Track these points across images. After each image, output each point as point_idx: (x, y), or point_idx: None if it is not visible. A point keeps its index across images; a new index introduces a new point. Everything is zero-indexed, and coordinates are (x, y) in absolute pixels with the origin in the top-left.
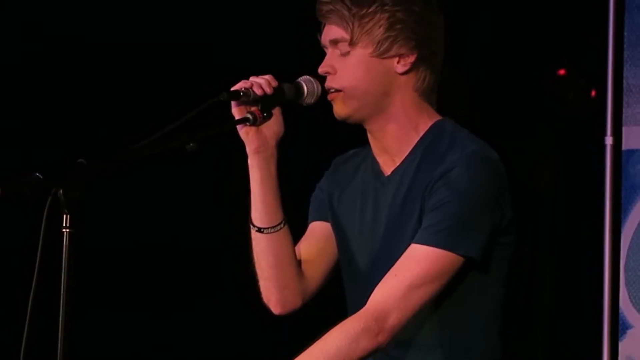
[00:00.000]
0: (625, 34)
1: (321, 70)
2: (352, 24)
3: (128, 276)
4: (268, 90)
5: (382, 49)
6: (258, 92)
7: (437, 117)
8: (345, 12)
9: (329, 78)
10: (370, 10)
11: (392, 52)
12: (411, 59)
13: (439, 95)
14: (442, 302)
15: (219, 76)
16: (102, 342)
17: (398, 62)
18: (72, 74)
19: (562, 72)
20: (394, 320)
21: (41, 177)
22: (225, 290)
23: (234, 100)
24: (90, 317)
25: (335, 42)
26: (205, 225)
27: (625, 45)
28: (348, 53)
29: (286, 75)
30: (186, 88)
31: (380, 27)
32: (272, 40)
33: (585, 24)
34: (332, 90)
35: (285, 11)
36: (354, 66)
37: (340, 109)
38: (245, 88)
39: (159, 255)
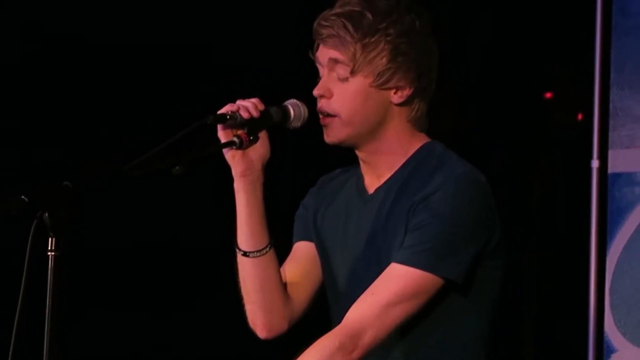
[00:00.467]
0: (612, 56)
1: (317, 92)
2: (355, 52)
3: (128, 276)
4: (255, 114)
5: (382, 80)
6: (245, 115)
7: (425, 140)
8: (349, 39)
9: (323, 101)
10: (373, 39)
11: (391, 84)
12: (408, 91)
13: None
14: (422, 322)
15: (219, 76)
16: (102, 342)
17: (395, 93)
18: (72, 74)
19: (548, 95)
20: (369, 338)
21: (26, 199)
22: (225, 290)
23: (220, 123)
24: (90, 317)
25: (335, 62)
26: (205, 225)
27: (612, 68)
28: (347, 79)
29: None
30: (186, 88)
31: (382, 57)
32: (272, 40)
33: (571, 46)
34: (326, 114)
35: (285, 11)
36: (352, 94)
37: (332, 135)
38: (231, 111)
39: (159, 255)
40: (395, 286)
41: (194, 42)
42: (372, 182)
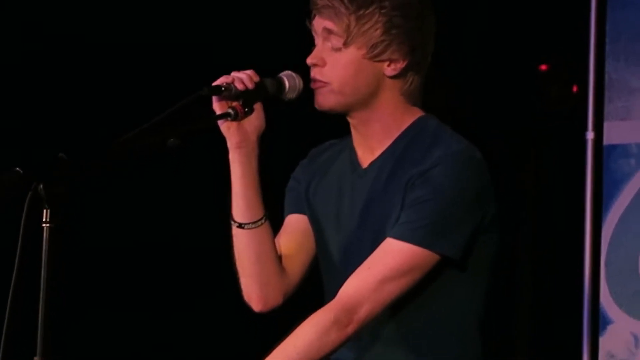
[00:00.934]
0: (607, 28)
1: (310, 61)
2: (349, 23)
3: (128, 276)
4: (249, 85)
5: (375, 52)
6: (239, 87)
7: (419, 114)
8: (343, 10)
9: (316, 69)
10: (368, 11)
11: (385, 56)
12: (402, 64)
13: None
14: (417, 298)
15: (219, 76)
16: (102, 341)
17: (388, 66)
18: (72, 74)
19: (543, 67)
20: (364, 312)
21: (21, 171)
22: (225, 290)
23: (215, 95)
24: (90, 317)
25: (329, 32)
26: (205, 224)
27: (607, 40)
28: (340, 49)
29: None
30: (186, 88)
31: (376, 29)
32: (272, 40)
33: (566, 19)
34: (317, 81)
35: (285, 11)
36: (345, 64)
37: (323, 101)
38: (226, 83)
39: (159, 255)
40: (391, 261)
41: (194, 42)
42: (366, 155)
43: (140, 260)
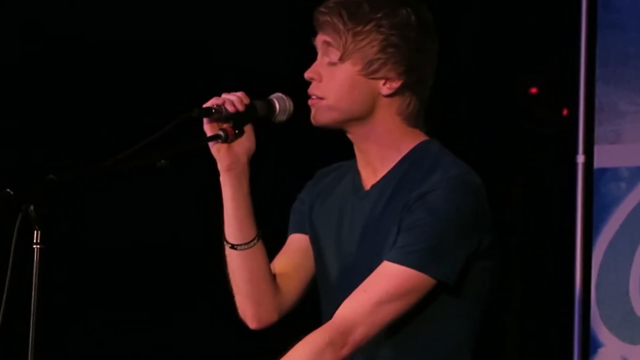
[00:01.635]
0: (597, 52)
1: (307, 75)
2: (346, 39)
3: (128, 276)
4: (240, 108)
5: (370, 69)
6: (230, 109)
7: (422, 138)
8: (341, 26)
9: (313, 84)
10: (365, 28)
11: (380, 74)
12: (397, 83)
13: None
14: (411, 321)
15: (219, 76)
16: (101, 342)
17: (384, 84)
18: (72, 74)
19: (533, 90)
20: (358, 334)
21: (11, 192)
22: (225, 290)
23: (205, 117)
24: (89, 317)
25: (327, 46)
26: (204, 224)
27: (597, 64)
28: (336, 64)
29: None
30: (186, 88)
31: (373, 47)
32: (272, 41)
33: (557, 42)
34: (314, 97)
35: (285, 12)
36: (340, 80)
37: (318, 117)
38: (217, 105)
39: (158, 255)
40: (387, 284)
41: (194, 42)
42: (369, 177)
43: (139, 260)
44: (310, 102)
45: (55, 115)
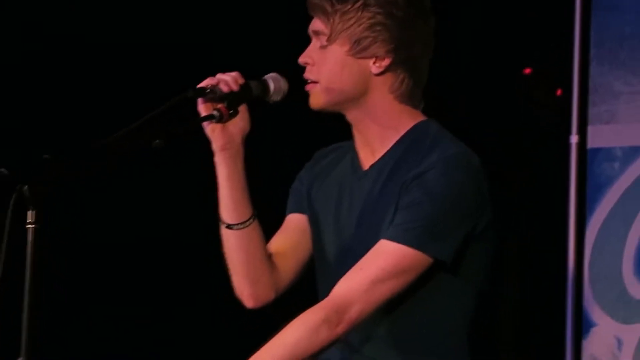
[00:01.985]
0: (592, 33)
1: (300, 60)
2: (333, 19)
3: (128, 271)
4: (234, 87)
5: (358, 48)
6: (224, 89)
7: (420, 118)
8: (328, 7)
9: (307, 68)
10: (352, 7)
11: (368, 53)
12: (386, 61)
13: None
14: (408, 300)
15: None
16: (103, 337)
17: (374, 63)
18: (72, 74)
19: (527, 71)
20: (354, 312)
21: (6, 172)
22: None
23: (200, 97)
24: (91, 312)
25: (317, 33)
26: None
27: (591, 44)
28: (326, 47)
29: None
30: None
31: (359, 25)
32: (272, 40)
33: (551, 23)
34: (309, 81)
35: (285, 11)
36: (330, 61)
37: (315, 100)
38: (211, 85)
39: (160, 250)
40: (383, 262)
41: (194, 42)
42: (367, 158)
43: (140, 255)
44: (306, 87)
45: (55, 115)
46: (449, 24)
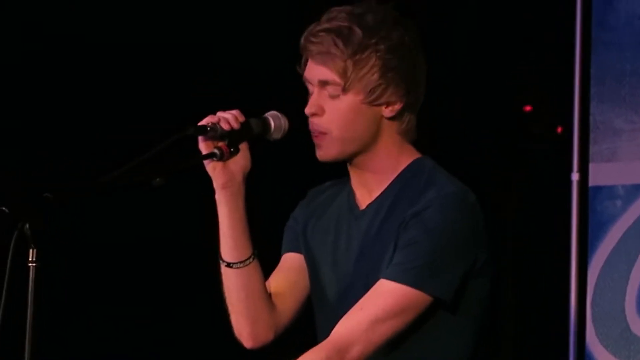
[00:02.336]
0: (592, 70)
1: (309, 111)
2: (346, 69)
3: (128, 272)
4: (235, 125)
5: (373, 97)
6: (225, 127)
7: (417, 155)
8: (339, 55)
9: (315, 119)
10: (364, 55)
11: (383, 100)
12: (399, 106)
13: None
14: (408, 339)
15: (219, 76)
16: (103, 337)
17: (386, 108)
18: (72, 74)
19: (528, 107)
20: (355, 352)
21: (7, 210)
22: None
23: (201, 135)
24: (91, 312)
25: (325, 84)
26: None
27: (592, 82)
28: (338, 97)
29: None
30: (186, 88)
31: (373, 74)
32: (271, 42)
33: (552, 60)
34: (317, 133)
35: (284, 13)
36: (344, 111)
37: (325, 152)
38: (212, 123)
39: (160, 251)
40: (383, 302)
41: (194, 42)
42: (364, 197)
43: (140, 256)
44: (314, 138)
45: (55, 115)
46: (450, 60)
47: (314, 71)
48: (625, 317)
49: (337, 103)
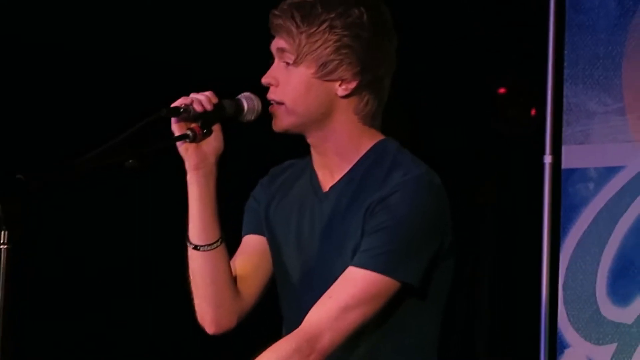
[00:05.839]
0: (566, 52)
1: (264, 80)
2: (299, 42)
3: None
4: (208, 107)
5: (324, 71)
6: (198, 108)
7: (379, 137)
8: (294, 29)
9: (271, 89)
10: (318, 30)
11: (335, 76)
12: (353, 84)
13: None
14: (378, 325)
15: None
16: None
17: (340, 85)
18: (51, 83)
19: (502, 90)
20: (326, 341)
21: None
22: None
23: (173, 116)
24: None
25: (281, 51)
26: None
27: (565, 64)
28: (291, 68)
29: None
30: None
31: (326, 48)
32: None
33: (525, 42)
34: (273, 102)
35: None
36: (295, 83)
37: (278, 123)
38: (185, 104)
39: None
40: (352, 289)
41: (172, 55)
42: (326, 178)
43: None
44: (270, 109)
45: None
46: (425, 44)
47: (274, 43)
48: (596, 299)
49: (290, 74)
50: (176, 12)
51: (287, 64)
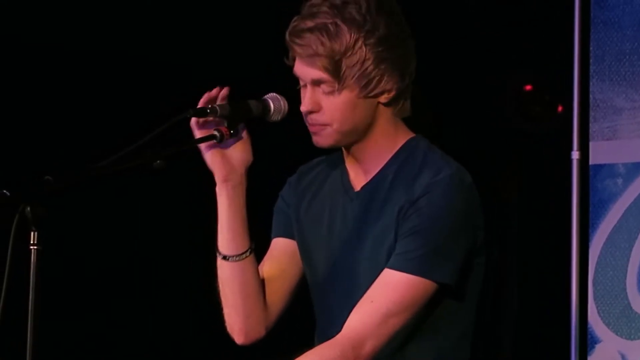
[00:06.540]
0: (591, 48)
1: (305, 109)
2: (337, 69)
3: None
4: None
5: (368, 89)
6: (220, 100)
7: (410, 134)
8: (328, 56)
9: (313, 115)
10: (355, 52)
11: (377, 90)
12: (394, 92)
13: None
14: (417, 328)
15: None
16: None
17: (382, 96)
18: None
19: (528, 87)
20: (370, 347)
21: (8, 193)
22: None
23: (200, 117)
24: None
25: (318, 82)
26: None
27: (591, 60)
28: (333, 94)
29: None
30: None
31: (366, 68)
32: (254, 57)
33: (551, 39)
34: (317, 125)
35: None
36: (342, 107)
37: (322, 141)
38: (211, 105)
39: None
40: (393, 294)
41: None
42: (358, 177)
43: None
44: (312, 129)
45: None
46: (451, 41)
47: (305, 71)
48: (627, 294)
49: (334, 99)
50: (176, 12)
51: (328, 91)
